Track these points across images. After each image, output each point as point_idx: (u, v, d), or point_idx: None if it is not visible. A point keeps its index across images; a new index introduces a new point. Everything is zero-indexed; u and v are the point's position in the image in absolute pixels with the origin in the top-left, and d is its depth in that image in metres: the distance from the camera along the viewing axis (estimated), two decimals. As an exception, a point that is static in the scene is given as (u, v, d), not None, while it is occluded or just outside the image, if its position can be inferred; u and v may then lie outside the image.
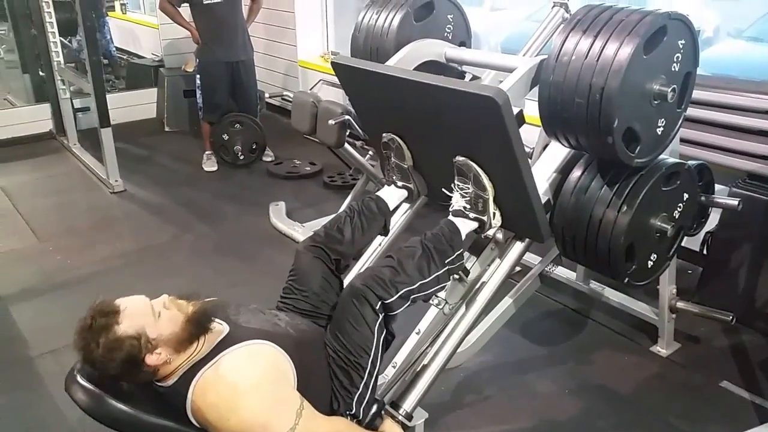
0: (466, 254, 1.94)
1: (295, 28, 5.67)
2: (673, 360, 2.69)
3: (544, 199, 1.86)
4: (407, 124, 2.02)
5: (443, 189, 1.96)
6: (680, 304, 2.63)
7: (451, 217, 1.89)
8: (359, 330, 1.63)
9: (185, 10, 4.79)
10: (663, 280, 2.55)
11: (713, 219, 2.76)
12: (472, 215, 1.86)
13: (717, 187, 2.49)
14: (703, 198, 2.37)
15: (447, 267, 1.77)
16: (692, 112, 2.84)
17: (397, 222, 2.33)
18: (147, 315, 1.45)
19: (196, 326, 1.48)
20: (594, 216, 1.81)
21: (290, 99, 5.04)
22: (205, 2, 4.54)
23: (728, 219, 2.85)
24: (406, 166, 2.08)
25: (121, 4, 7.90)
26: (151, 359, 1.42)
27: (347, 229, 1.93)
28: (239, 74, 4.80)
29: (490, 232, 1.88)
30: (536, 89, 1.85)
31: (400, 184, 2.13)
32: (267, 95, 5.98)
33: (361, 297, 1.63)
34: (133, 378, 1.47)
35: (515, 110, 1.61)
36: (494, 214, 1.84)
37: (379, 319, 1.65)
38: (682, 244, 2.10)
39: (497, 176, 1.80)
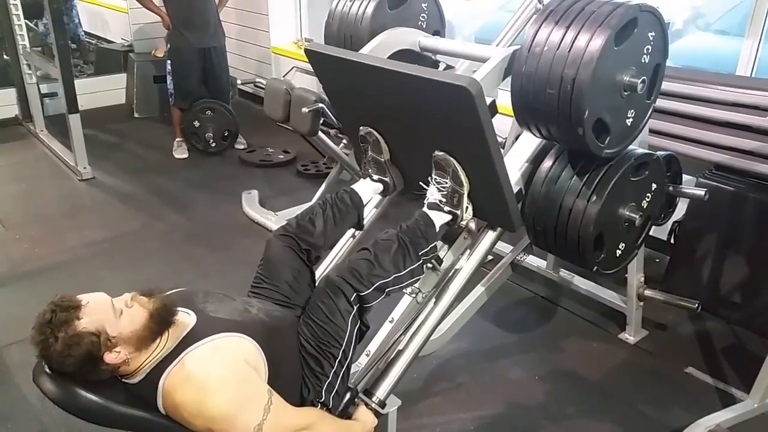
0: (440, 243, 1.96)
1: (267, 13, 5.61)
2: (641, 347, 2.75)
3: (515, 189, 1.87)
4: (383, 116, 2.01)
5: (420, 182, 1.96)
6: (648, 292, 2.68)
7: (425, 210, 1.91)
8: (333, 321, 1.64)
9: (156, -5, 4.71)
10: (631, 268, 2.59)
11: (680, 209, 2.82)
12: (446, 208, 1.89)
13: (684, 177, 2.53)
14: (670, 188, 2.41)
15: (422, 259, 1.80)
16: (661, 103, 2.89)
17: (370, 213, 2.32)
18: (108, 312, 1.42)
19: (158, 323, 1.45)
20: (564, 206, 1.84)
21: (263, 86, 5.00)
22: (176, -14, 4.46)
23: (695, 209, 2.91)
24: (383, 159, 2.08)
25: (90, -13, 7.72)
26: (109, 357, 1.40)
27: (319, 220, 1.93)
28: (211, 60, 4.73)
29: (462, 224, 1.91)
30: (509, 79, 1.85)
31: (375, 177, 2.13)
32: (239, 82, 5.92)
33: (336, 289, 1.64)
34: (90, 375, 1.43)
35: (488, 100, 1.62)
36: (467, 208, 1.87)
37: (353, 311, 1.66)
38: (650, 233, 2.13)
39: (470, 166, 1.81)
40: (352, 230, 2.20)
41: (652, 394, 2.47)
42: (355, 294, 1.65)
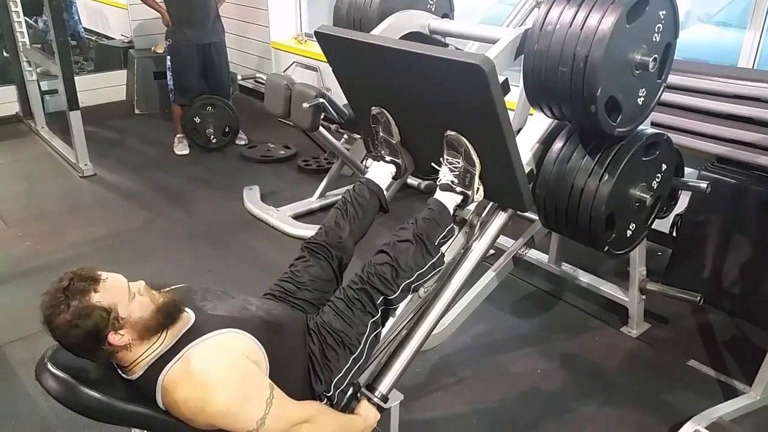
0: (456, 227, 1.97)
1: (267, 9, 5.60)
2: (643, 340, 2.75)
3: (527, 169, 1.88)
4: (394, 97, 2.01)
5: (432, 163, 1.97)
6: (650, 286, 2.68)
7: (437, 194, 1.92)
8: (356, 324, 1.69)
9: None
10: (633, 261, 2.59)
11: (682, 202, 2.81)
12: (458, 189, 1.90)
13: (687, 170, 2.52)
14: (673, 181, 2.41)
15: (440, 250, 1.83)
16: (664, 95, 2.87)
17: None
18: (123, 293, 1.42)
19: (166, 317, 1.46)
20: (576, 185, 1.84)
21: (263, 81, 4.99)
22: (176, -17, 4.45)
23: (697, 202, 2.90)
24: (393, 141, 2.08)
25: (89, -16, 7.71)
26: (113, 338, 1.39)
27: (344, 221, 1.97)
28: (211, 56, 4.73)
29: (471, 206, 1.93)
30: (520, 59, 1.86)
31: (388, 159, 2.12)
32: (240, 77, 5.92)
33: (364, 293, 1.70)
34: (87, 353, 1.43)
35: (500, 78, 1.62)
36: (477, 189, 1.89)
37: (377, 316, 1.72)
38: (653, 226, 2.13)
39: (482, 146, 1.81)
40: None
41: (655, 386, 2.47)
42: (382, 298, 1.71)
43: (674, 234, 3.07)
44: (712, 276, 2.92)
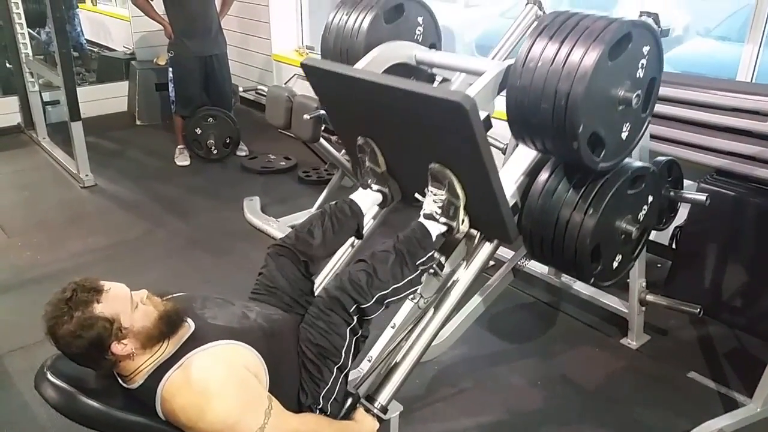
0: (437, 253, 1.95)
1: (269, 21, 5.63)
2: (643, 352, 2.74)
3: (511, 202, 1.87)
4: (379, 128, 2.01)
5: (416, 194, 1.96)
6: (649, 297, 2.68)
7: (422, 220, 1.90)
8: (333, 332, 1.63)
9: (158, 4, 4.73)
10: (633, 273, 2.59)
11: (682, 214, 2.82)
12: (442, 220, 1.87)
13: (686, 182, 2.54)
14: (672, 193, 2.42)
15: (419, 269, 1.79)
16: (662, 108, 2.91)
17: (368, 224, 2.29)
18: (126, 303, 1.43)
19: (168, 325, 1.46)
20: (561, 218, 1.82)
21: (265, 93, 5.02)
22: (178, -5, 4.48)
23: (697, 214, 2.91)
24: (380, 171, 2.07)
25: (92, -4, 7.77)
26: (117, 348, 1.40)
27: (318, 231, 1.93)
28: (212, 68, 4.76)
29: (458, 237, 1.90)
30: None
31: (375, 188, 2.11)
32: (241, 89, 5.94)
33: (336, 301, 1.63)
34: (91, 363, 1.43)
35: (483, 115, 1.61)
36: (463, 220, 1.86)
37: (353, 323, 1.65)
38: (652, 238, 2.13)
39: (466, 179, 1.80)
40: (351, 239, 2.20)
41: (654, 399, 2.47)
42: (355, 306, 1.64)
43: (674, 246, 3.08)
44: (711, 288, 2.92)
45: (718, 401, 2.45)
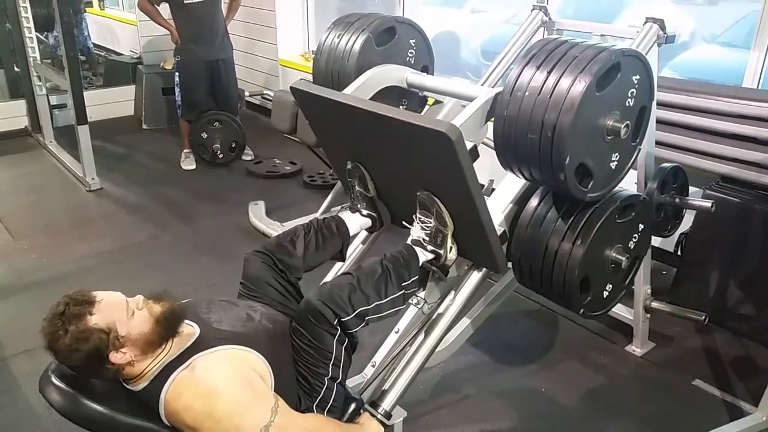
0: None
1: (275, 26, 5.65)
2: (648, 359, 2.73)
3: (500, 231, 1.85)
4: (368, 153, 2.00)
5: (403, 221, 1.95)
6: (655, 304, 2.67)
7: (410, 243, 1.88)
8: (317, 344, 1.60)
9: (165, 9, 4.75)
10: (638, 280, 2.58)
11: (687, 221, 2.81)
12: (429, 248, 1.86)
13: (691, 189, 2.53)
14: (677, 200, 2.41)
15: (402, 291, 1.76)
16: (667, 115, 2.91)
17: (356, 249, 2.26)
18: (121, 311, 1.43)
19: (166, 329, 1.46)
20: (549, 248, 1.80)
21: (270, 98, 5.03)
22: (185, 1, 4.50)
23: (702, 221, 2.90)
24: (370, 195, 2.05)
25: (100, 0, 7.81)
26: (115, 357, 1.40)
27: (300, 243, 1.90)
28: (219, 73, 4.77)
29: (447, 264, 1.87)
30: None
31: (365, 212, 2.09)
32: (247, 94, 5.96)
33: (317, 313, 1.59)
34: (93, 373, 1.44)
35: (469, 145, 1.59)
36: (450, 248, 1.84)
37: (337, 334, 1.61)
38: (657, 245, 2.12)
39: (453, 207, 1.79)
40: (338, 264, 2.17)
41: (659, 406, 2.46)
42: (336, 319, 1.60)
43: (679, 253, 3.06)
44: (717, 295, 2.91)
45: (724, 409, 2.44)
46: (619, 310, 2.84)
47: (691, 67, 4.02)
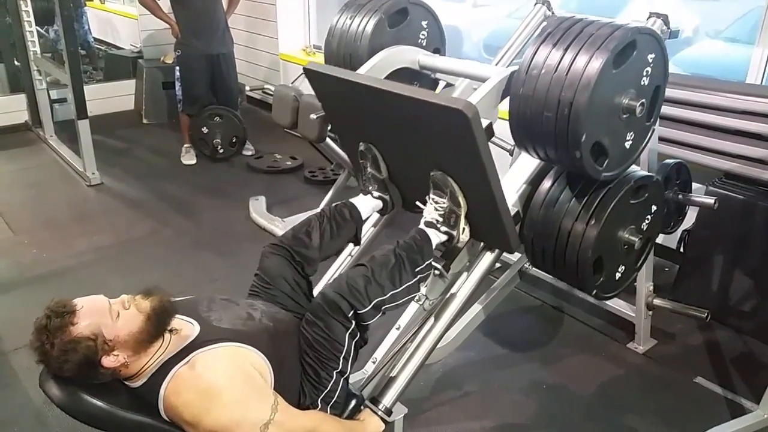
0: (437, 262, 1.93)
1: (276, 20, 5.63)
2: (649, 356, 2.72)
3: (513, 211, 1.85)
4: (381, 134, 2.00)
5: (417, 201, 1.95)
6: (657, 301, 2.66)
7: (422, 226, 1.88)
8: (331, 337, 1.60)
9: (165, 3, 4.73)
10: (640, 277, 2.57)
11: (690, 217, 2.80)
12: (443, 228, 1.86)
13: (694, 185, 2.52)
14: (680, 196, 2.40)
15: (417, 276, 1.76)
16: (671, 111, 2.89)
17: (368, 231, 2.27)
18: (104, 315, 1.41)
19: (155, 325, 1.45)
20: (563, 228, 1.80)
21: (271, 92, 5.01)
22: (185, -6, 4.49)
23: (705, 217, 2.89)
24: (382, 177, 2.05)
25: (100, -6, 7.78)
26: (107, 361, 1.40)
27: (315, 233, 1.90)
28: (219, 67, 4.75)
29: (459, 246, 1.88)
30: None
31: (376, 194, 2.10)
32: (248, 88, 5.95)
33: (334, 305, 1.60)
34: (90, 379, 1.43)
35: (485, 123, 1.59)
36: (464, 229, 1.84)
37: (351, 328, 1.62)
38: (660, 242, 2.11)
39: (467, 187, 1.79)
40: (351, 247, 2.18)
41: (661, 403, 2.45)
42: (352, 311, 1.61)
43: (682, 250, 3.06)
44: (719, 292, 2.90)
45: (725, 407, 2.43)
46: (621, 307, 2.84)
47: (695, 63, 4.00)
